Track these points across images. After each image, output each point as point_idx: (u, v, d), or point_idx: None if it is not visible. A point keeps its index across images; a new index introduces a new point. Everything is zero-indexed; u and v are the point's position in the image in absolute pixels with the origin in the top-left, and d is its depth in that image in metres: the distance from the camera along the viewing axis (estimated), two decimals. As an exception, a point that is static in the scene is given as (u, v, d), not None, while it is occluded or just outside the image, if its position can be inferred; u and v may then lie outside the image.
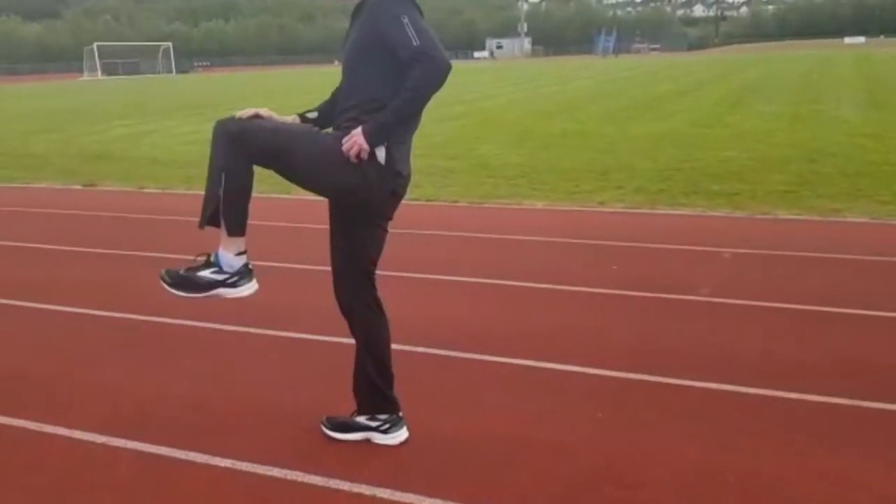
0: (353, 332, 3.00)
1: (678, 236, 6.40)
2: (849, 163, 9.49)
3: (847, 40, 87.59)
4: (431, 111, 2.92)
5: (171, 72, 73.73)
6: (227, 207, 2.75)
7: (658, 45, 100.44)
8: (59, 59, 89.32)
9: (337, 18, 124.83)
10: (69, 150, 13.87)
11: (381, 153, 2.74)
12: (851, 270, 5.36)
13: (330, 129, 2.87)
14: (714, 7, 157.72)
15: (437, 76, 2.64)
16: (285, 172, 2.82)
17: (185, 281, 2.84)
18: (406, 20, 2.63)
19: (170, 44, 78.02)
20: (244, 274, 2.89)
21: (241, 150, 2.73)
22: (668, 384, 3.56)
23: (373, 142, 2.69)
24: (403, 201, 2.96)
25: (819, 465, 2.86)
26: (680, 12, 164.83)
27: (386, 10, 2.67)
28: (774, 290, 4.90)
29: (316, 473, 2.87)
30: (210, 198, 2.74)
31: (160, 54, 76.34)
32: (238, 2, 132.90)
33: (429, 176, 9.77)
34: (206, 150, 2.80)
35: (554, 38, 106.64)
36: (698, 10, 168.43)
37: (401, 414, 3.09)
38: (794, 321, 4.39)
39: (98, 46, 69.14)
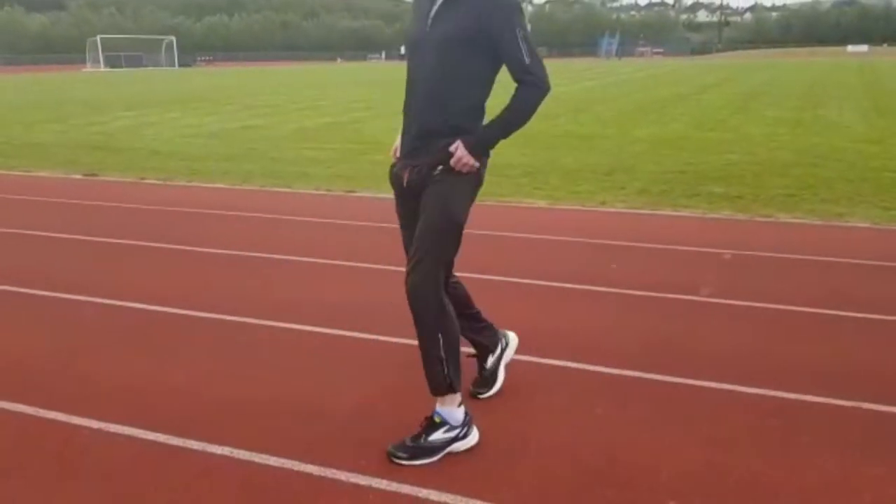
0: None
1: (680, 237, 6.39)
2: (851, 168, 9.48)
3: (850, 48, 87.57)
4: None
5: (173, 65, 73.67)
6: (452, 366, 2.82)
7: (661, 50, 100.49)
8: (62, 51, 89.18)
9: (340, 17, 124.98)
10: (71, 140, 13.86)
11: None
12: (852, 274, 5.36)
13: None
14: (718, 13, 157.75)
15: (541, 99, 2.75)
16: None
17: (421, 450, 2.83)
18: (520, 33, 2.68)
19: (173, 38, 77.97)
20: (469, 421, 2.92)
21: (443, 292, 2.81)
22: (669, 382, 3.56)
23: (479, 157, 2.80)
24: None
25: (822, 467, 2.85)
26: (684, 17, 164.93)
27: (501, 14, 2.68)
28: (774, 291, 4.89)
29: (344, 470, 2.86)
30: (434, 363, 2.80)
31: (163, 48, 76.29)
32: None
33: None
34: (209, 144, 2.80)
35: (558, 40, 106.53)
36: (702, 16, 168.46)
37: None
38: (794, 322, 4.38)
39: (101, 39, 69.07)
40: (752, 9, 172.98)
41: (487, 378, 3.37)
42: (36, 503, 2.66)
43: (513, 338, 3.52)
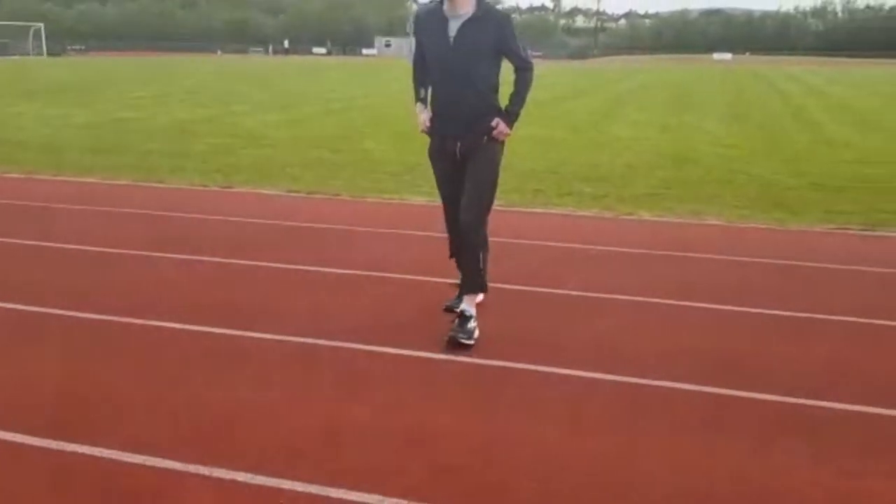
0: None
1: (550, 234, 6.70)
2: (710, 170, 10.14)
3: (715, 56, 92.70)
4: (312, 104, 2.97)
5: (41, 54, 69.59)
6: (486, 273, 4.26)
7: (540, 53, 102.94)
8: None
9: (219, 7, 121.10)
10: (-77, 130, 12.97)
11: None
12: (704, 268, 5.78)
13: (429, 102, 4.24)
14: (594, 18, 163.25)
15: (533, 78, 4.16)
16: None
17: (471, 333, 4.02)
18: (518, 41, 4.06)
19: (41, 24, 73.59)
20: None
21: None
22: (530, 369, 3.77)
23: (512, 126, 4.10)
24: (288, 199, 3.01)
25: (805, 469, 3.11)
26: (563, 22, 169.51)
27: (508, 28, 4.02)
28: (633, 285, 5.22)
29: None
30: (475, 272, 4.17)
31: (30, 35, 71.89)
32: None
33: (312, 168, 9.77)
34: (78, 136, 2.77)
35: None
36: (580, 21, 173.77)
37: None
38: (648, 313, 4.70)
39: (-40, 24, 64.44)
40: (626, 15, 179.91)
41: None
42: None
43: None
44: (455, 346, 3.93)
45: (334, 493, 2.68)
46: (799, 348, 4.16)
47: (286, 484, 2.71)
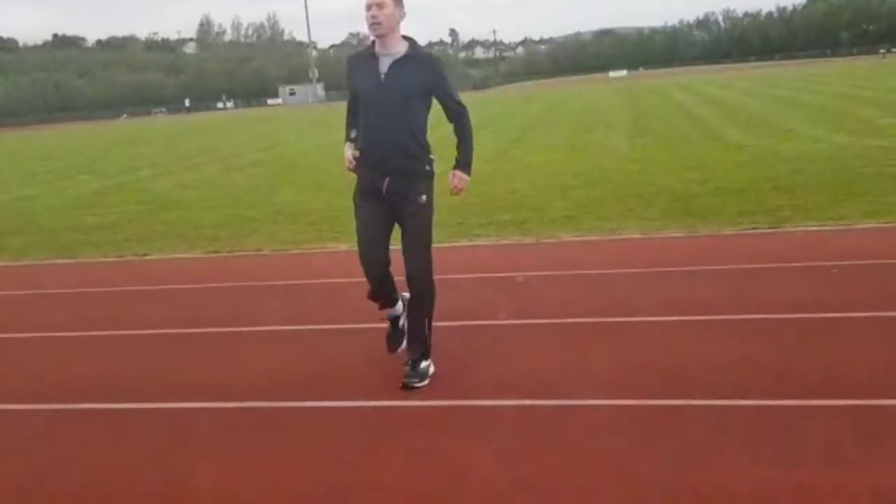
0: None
1: (477, 265, 6.78)
2: (620, 186, 10.45)
3: (612, 74, 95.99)
4: (220, 161, 2.96)
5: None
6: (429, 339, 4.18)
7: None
8: None
9: (118, 72, 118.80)
10: None
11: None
12: (628, 283, 5.94)
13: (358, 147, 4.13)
14: (493, 49, 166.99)
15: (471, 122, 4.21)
16: None
17: (423, 374, 4.07)
18: (449, 82, 4.09)
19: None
20: None
21: None
22: (469, 405, 3.80)
23: (469, 174, 4.24)
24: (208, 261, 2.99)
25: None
26: (462, 54, 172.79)
27: (442, 73, 4.08)
28: (564, 307, 5.33)
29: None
30: (423, 329, 4.12)
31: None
32: (5, 59, 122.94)
33: (228, 227, 9.64)
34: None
35: (345, 84, 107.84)
36: (479, 52, 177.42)
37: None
38: (586, 334, 4.81)
39: None
40: (523, 43, 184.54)
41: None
42: None
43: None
44: (409, 389, 3.98)
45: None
46: (730, 350, 4.31)
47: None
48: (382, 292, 4.20)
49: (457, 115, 4.13)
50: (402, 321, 4.34)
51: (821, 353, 4.18)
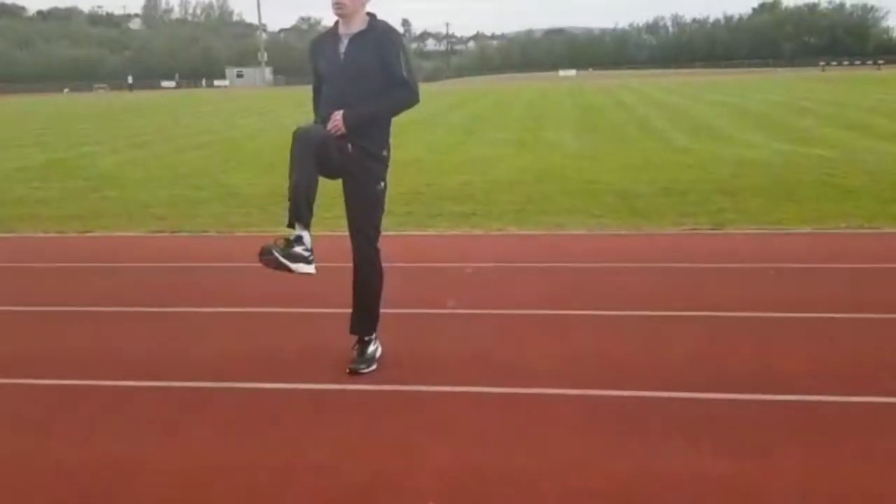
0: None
1: (426, 255, 6.84)
2: (568, 182, 10.62)
3: (561, 73, 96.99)
4: (166, 140, 2.93)
5: None
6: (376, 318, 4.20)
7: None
8: None
9: (59, 46, 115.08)
10: None
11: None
12: (572, 277, 6.07)
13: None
14: (444, 41, 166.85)
15: (409, 104, 4.00)
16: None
17: (370, 360, 4.11)
18: (402, 56, 3.90)
19: None
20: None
21: None
22: (416, 391, 3.86)
23: (349, 125, 3.80)
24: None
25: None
26: (414, 45, 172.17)
27: (390, 45, 3.89)
28: (511, 298, 5.43)
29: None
30: (374, 308, 4.20)
31: None
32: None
33: (175, 206, 9.51)
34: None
35: (294, 69, 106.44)
36: (431, 44, 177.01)
37: None
38: (531, 324, 4.92)
39: None
40: (475, 37, 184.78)
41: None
42: None
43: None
44: (356, 374, 4.00)
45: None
46: (667, 343, 4.46)
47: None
48: (305, 183, 3.77)
49: (395, 86, 3.89)
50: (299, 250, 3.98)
51: (756, 350, 4.35)
